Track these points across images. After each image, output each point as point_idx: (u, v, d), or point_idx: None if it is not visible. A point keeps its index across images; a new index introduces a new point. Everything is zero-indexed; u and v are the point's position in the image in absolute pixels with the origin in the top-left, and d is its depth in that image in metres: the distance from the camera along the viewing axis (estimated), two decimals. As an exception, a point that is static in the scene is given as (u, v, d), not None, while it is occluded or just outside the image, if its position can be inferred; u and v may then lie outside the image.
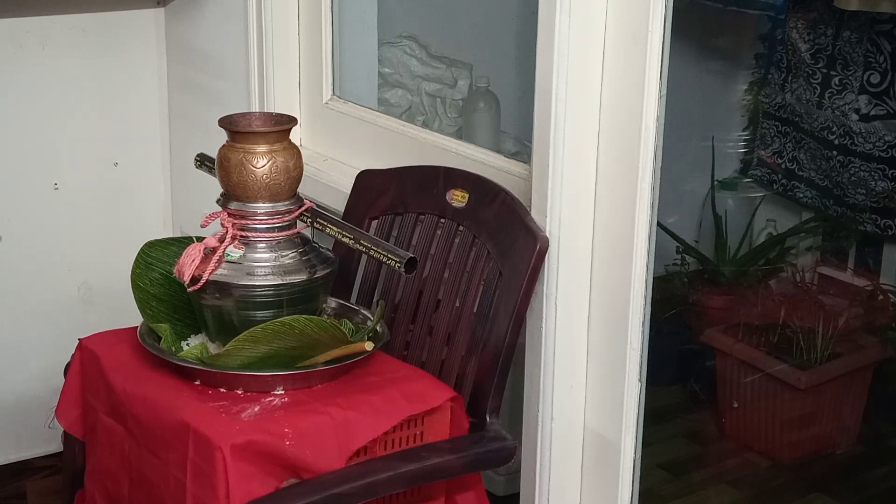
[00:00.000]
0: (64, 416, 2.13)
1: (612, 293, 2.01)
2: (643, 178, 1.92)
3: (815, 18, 3.41)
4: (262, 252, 1.98)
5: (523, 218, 2.02)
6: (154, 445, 1.92)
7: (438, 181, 2.19)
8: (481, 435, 2.00)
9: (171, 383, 1.94)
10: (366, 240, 1.97)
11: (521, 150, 2.92)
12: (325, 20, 2.60)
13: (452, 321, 2.10)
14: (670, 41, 1.88)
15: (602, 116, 1.97)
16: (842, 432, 3.11)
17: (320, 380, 1.94)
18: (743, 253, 3.49)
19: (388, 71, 3.07)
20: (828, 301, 3.13)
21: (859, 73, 3.31)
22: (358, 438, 1.86)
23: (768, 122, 3.59)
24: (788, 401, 3.02)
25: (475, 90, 3.10)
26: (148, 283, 2.09)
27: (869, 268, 3.40)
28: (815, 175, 3.44)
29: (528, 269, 1.99)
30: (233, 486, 1.76)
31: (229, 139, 1.99)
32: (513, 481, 2.39)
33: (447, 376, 2.07)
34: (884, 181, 3.22)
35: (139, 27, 2.93)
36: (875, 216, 3.29)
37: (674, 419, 3.22)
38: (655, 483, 2.93)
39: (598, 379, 2.07)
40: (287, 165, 1.97)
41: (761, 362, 3.04)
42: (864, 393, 3.11)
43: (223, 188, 2.00)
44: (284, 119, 2.03)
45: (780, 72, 3.54)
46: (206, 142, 2.19)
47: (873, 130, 3.26)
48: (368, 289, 2.25)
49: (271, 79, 2.63)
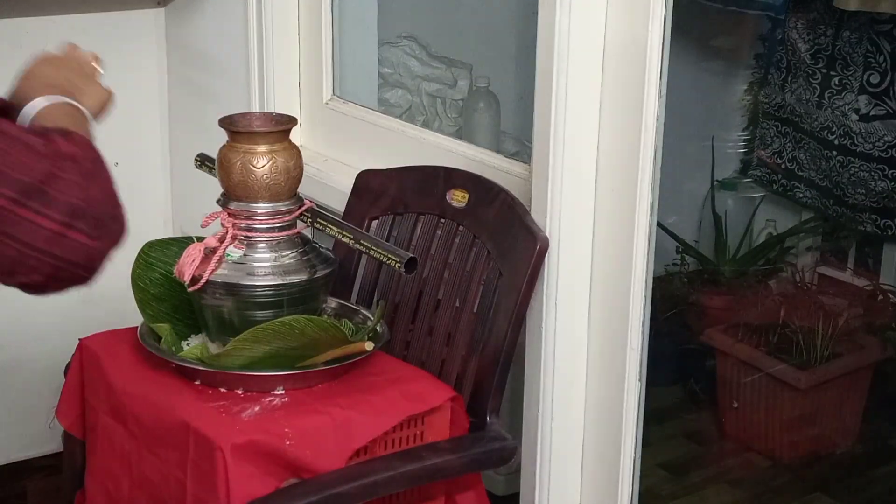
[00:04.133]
0: (64, 416, 2.13)
1: (612, 293, 2.01)
2: (643, 178, 1.92)
3: (815, 18, 3.41)
4: (263, 252, 1.98)
5: (523, 218, 2.02)
6: (154, 445, 1.92)
7: (438, 181, 2.19)
8: (481, 435, 2.00)
9: (171, 383, 1.94)
10: (366, 240, 1.97)
11: (521, 150, 2.92)
12: (325, 20, 2.60)
13: (452, 321, 2.10)
14: (670, 41, 1.88)
15: (602, 116, 1.97)
16: (842, 432, 3.11)
17: (320, 380, 1.94)
18: (743, 253, 3.49)
19: (388, 71, 3.07)
20: (828, 301, 3.13)
21: (859, 73, 3.31)
22: (358, 438, 1.86)
23: (768, 123, 3.59)
24: (788, 401, 3.02)
25: (475, 90, 3.10)
26: (148, 283, 2.09)
27: (869, 268, 3.40)
28: (814, 175, 3.44)
29: (528, 269, 1.99)
30: (233, 486, 1.76)
31: (230, 139, 1.99)
32: (513, 481, 2.38)
33: (447, 376, 2.07)
34: (884, 181, 3.22)
35: (139, 27, 2.93)
36: (875, 216, 3.29)
37: (674, 419, 3.22)
38: (655, 483, 2.93)
39: (598, 379, 2.07)
40: (287, 165, 1.97)
41: (761, 362, 3.04)
42: (864, 393, 3.11)
43: (223, 188, 2.00)
44: (285, 119, 2.03)
45: (780, 72, 3.54)
46: (206, 142, 2.19)
47: (873, 130, 3.25)
48: (368, 289, 2.25)
49: (271, 79, 2.63)
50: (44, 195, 1.29)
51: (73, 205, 1.31)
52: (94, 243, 1.33)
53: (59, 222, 1.30)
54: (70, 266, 1.34)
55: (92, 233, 1.33)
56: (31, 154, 1.30)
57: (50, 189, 1.29)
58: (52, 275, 1.34)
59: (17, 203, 1.28)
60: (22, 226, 1.28)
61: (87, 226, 1.32)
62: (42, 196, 1.29)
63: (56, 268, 1.33)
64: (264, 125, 2.01)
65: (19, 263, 1.31)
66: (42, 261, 1.31)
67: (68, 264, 1.33)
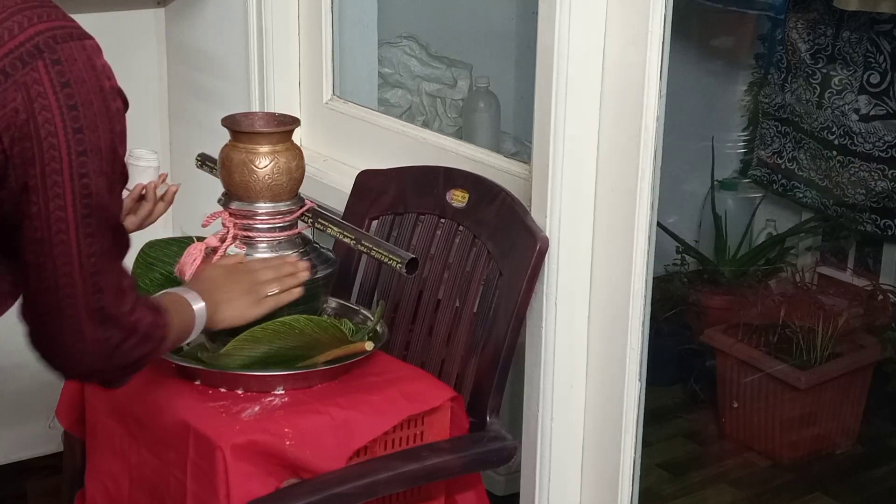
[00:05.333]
0: (64, 416, 2.13)
1: (612, 293, 2.01)
2: (643, 178, 1.92)
3: (815, 18, 3.41)
4: (264, 252, 1.98)
5: (523, 218, 2.02)
6: (154, 445, 1.92)
7: (438, 181, 2.19)
8: (481, 435, 2.00)
9: (171, 383, 1.94)
10: (367, 240, 1.97)
11: (521, 150, 2.92)
12: (325, 20, 2.60)
13: (452, 321, 2.10)
14: (670, 41, 1.88)
15: (602, 116, 1.97)
16: (842, 432, 3.11)
17: (320, 380, 1.94)
18: (743, 253, 3.49)
19: (388, 71, 3.07)
20: (828, 301, 3.13)
21: (859, 73, 3.32)
22: (358, 438, 1.86)
23: (768, 122, 3.59)
24: (788, 401, 3.02)
25: (475, 90, 3.10)
26: (148, 283, 2.09)
27: (869, 268, 3.40)
28: (814, 175, 3.44)
29: (528, 269, 1.99)
30: (233, 486, 1.76)
31: (232, 139, 1.99)
32: (513, 481, 2.39)
33: (447, 376, 2.07)
34: (884, 181, 3.22)
35: (139, 27, 2.93)
36: (875, 216, 3.29)
37: (674, 419, 3.22)
38: (655, 483, 2.93)
39: (598, 379, 2.07)
40: (289, 166, 1.97)
41: (761, 362, 3.04)
42: (864, 393, 3.11)
43: (225, 188, 2.00)
44: (287, 119, 2.03)
45: (780, 72, 3.54)
46: (207, 142, 2.19)
47: (873, 130, 3.26)
48: (368, 289, 2.25)
49: (271, 79, 2.63)
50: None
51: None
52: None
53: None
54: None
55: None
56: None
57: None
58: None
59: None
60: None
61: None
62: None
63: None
64: (267, 125, 2.01)
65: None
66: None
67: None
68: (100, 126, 1.36)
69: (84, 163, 1.35)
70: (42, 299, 1.42)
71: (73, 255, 1.38)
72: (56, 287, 1.40)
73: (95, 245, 1.40)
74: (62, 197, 1.35)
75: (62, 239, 1.37)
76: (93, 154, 1.35)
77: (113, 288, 1.44)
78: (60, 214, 1.36)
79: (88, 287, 1.41)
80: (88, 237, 1.38)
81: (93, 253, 1.39)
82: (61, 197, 1.35)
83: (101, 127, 1.36)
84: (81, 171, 1.35)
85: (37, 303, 1.44)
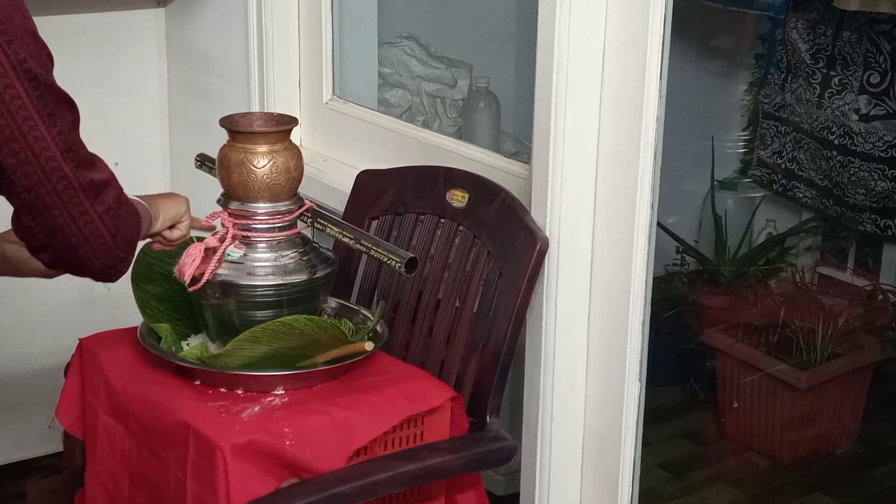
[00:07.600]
0: (64, 416, 2.13)
1: (612, 293, 2.01)
2: (643, 178, 1.92)
3: (815, 18, 3.41)
4: (263, 252, 1.98)
5: (523, 218, 2.02)
6: (154, 445, 1.92)
7: (438, 181, 2.19)
8: (481, 435, 2.00)
9: (171, 383, 1.94)
10: (366, 240, 1.97)
11: (521, 150, 2.92)
12: (325, 20, 2.60)
13: (452, 321, 2.10)
14: (670, 41, 1.88)
15: (602, 116, 1.97)
16: (842, 432, 3.11)
17: (320, 380, 1.94)
18: (743, 253, 3.49)
19: (388, 71, 3.07)
20: (828, 301, 3.13)
21: (859, 73, 3.32)
22: (358, 438, 1.86)
23: (768, 122, 3.59)
24: (788, 401, 3.02)
25: (475, 90, 3.10)
26: (148, 283, 2.09)
27: (869, 268, 3.40)
28: (814, 175, 3.44)
29: (528, 269, 1.99)
30: (233, 486, 1.76)
31: (230, 139, 1.99)
32: (513, 481, 2.39)
33: (447, 376, 2.07)
34: (884, 181, 3.22)
35: (139, 27, 2.93)
36: (875, 216, 3.29)
37: (674, 419, 3.22)
38: (655, 483, 2.93)
39: (598, 379, 2.07)
40: (288, 166, 1.97)
41: (761, 362, 3.04)
42: (864, 393, 3.11)
43: (224, 188, 2.01)
44: (286, 119, 2.03)
45: (780, 72, 3.54)
46: (207, 142, 2.19)
47: (873, 130, 3.26)
48: (368, 289, 2.25)
49: (271, 79, 2.63)
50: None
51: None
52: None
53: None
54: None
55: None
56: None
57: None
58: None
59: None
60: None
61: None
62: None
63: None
64: (265, 125, 2.01)
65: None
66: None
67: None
68: (14, 15, 1.42)
69: (17, 50, 1.41)
70: (39, 197, 1.47)
71: (46, 139, 1.45)
72: (46, 175, 1.46)
73: (59, 122, 1.46)
74: (13, 87, 1.41)
75: (31, 125, 1.43)
76: (19, 41, 1.42)
77: (88, 157, 1.51)
78: (18, 103, 1.42)
79: (71, 163, 1.47)
80: (51, 117, 1.45)
81: (60, 130, 1.46)
82: (12, 87, 1.41)
83: (16, 15, 1.42)
84: (18, 59, 1.41)
85: (35, 206, 1.48)
